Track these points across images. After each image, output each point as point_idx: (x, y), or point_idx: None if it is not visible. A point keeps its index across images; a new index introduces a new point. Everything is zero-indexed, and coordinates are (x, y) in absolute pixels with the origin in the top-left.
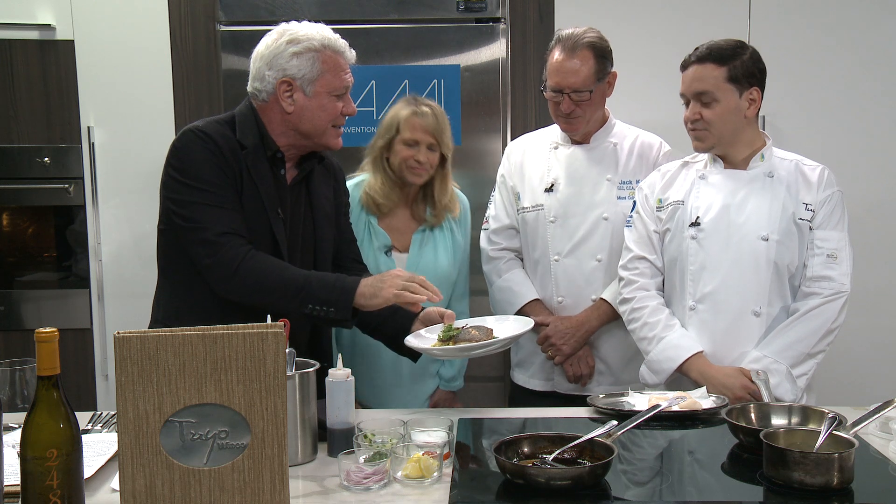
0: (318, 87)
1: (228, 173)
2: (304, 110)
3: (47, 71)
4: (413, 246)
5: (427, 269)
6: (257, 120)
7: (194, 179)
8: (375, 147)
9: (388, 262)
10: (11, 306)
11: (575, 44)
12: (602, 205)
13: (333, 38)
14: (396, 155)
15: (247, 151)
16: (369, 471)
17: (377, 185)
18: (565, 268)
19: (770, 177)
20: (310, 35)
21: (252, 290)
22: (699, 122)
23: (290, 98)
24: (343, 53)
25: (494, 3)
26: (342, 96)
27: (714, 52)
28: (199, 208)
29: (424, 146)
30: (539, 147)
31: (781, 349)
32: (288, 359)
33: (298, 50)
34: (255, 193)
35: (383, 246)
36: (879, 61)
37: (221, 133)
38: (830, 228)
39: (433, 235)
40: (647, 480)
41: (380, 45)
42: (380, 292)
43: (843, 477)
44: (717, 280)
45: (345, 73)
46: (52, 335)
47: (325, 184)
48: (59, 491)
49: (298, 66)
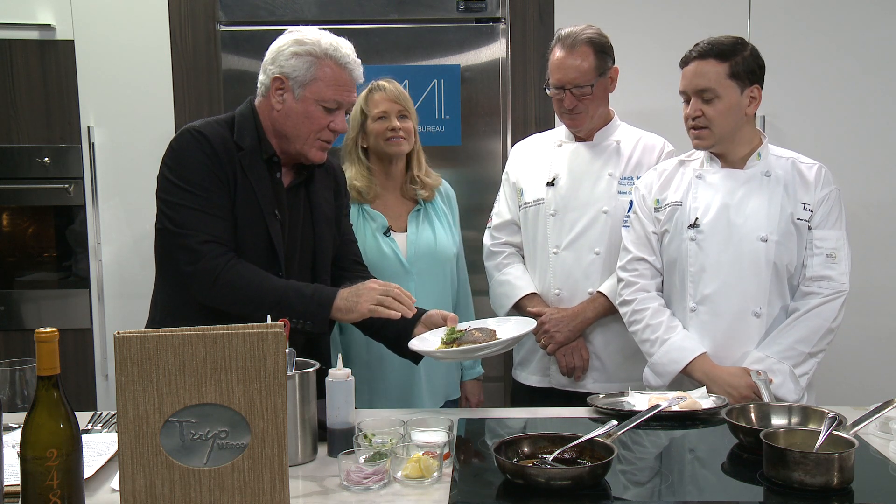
0: (308, 93)
1: (222, 177)
2: (290, 112)
3: (47, 71)
4: (410, 225)
5: (427, 245)
6: (256, 121)
7: (186, 182)
8: (348, 141)
9: (390, 242)
10: (11, 306)
11: (574, 40)
12: (602, 199)
13: (343, 51)
14: (370, 135)
15: (244, 153)
16: (369, 471)
17: (355, 174)
18: (563, 260)
19: (767, 176)
20: (316, 41)
21: (230, 300)
22: (700, 118)
23: (280, 96)
24: (346, 69)
25: (494, 3)
26: (334, 111)
27: (716, 48)
28: (186, 212)
29: (394, 115)
30: (543, 145)
31: (783, 349)
32: (288, 359)
33: (300, 51)
34: (251, 195)
35: (381, 227)
36: (879, 61)
37: (219, 134)
38: (829, 228)
39: (428, 213)
40: (647, 480)
41: (380, 45)
42: (356, 307)
43: (843, 477)
44: (718, 282)
45: (340, 87)
46: (52, 335)
47: (326, 187)
48: (59, 491)
49: (295, 66)
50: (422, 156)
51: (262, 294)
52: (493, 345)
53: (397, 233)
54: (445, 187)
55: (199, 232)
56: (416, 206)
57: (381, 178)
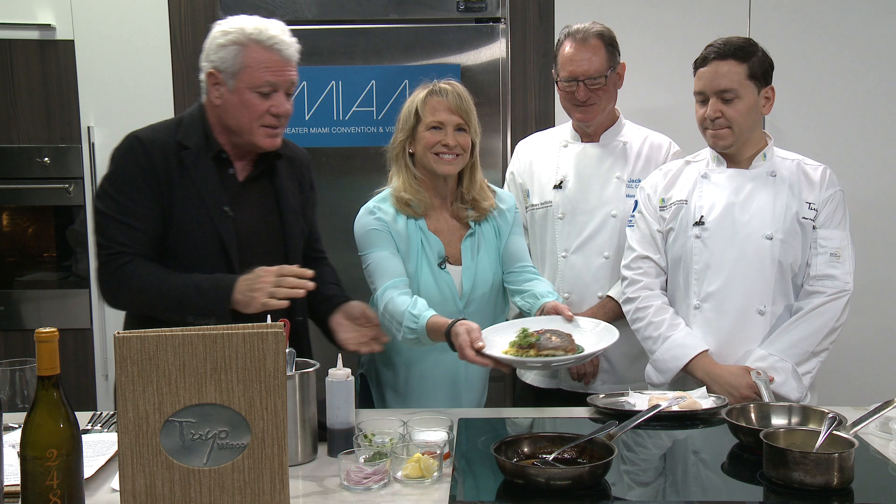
0: (240, 82)
1: (153, 183)
2: (228, 104)
3: (47, 71)
4: (465, 256)
5: (484, 279)
6: (203, 119)
7: (114, 189)
8: (396, 143)
9: (444, 276)
10: (11, 306)
11: (586, 34)
12: (610, 202)
13: (269, 33)
14: (419, 144)
15: (188, 152)
16: (369, 471)
17: (402, 184)
18: (572, 264)
19: (773, 176)
20: (239, 28)
21: (137, 304)
22: (720, 119)
23: (217, 90)
24: (273, 49)
25: (494, 3)
26: (269, 95)
27: (734, 49)
28: (106, 220)
29: (451, 128)
30: (549, 145)
31: (786, 347)
32: (288, 359)
33: (224, 41)
34: (194, 193)
35: (437, 256)
36: (879, 61)
37: (159, 137)
38: (833, 227)
39: (484, 240)
40: (648, 480)
41: (380, 45)
42: (252, 302)
43: (843, 477)
44: (722, 279)
45: (269, 69)
46: (52, 335)
47: (290, 178)
48: (59, 491)
49: (223, 57)
50: (478, 171)
51: (164, 294)
52: (584, 356)
53: (452, 265)
54: (502, 197)
55: (113, 242)
56: (469, 230)
57: (429, 193)
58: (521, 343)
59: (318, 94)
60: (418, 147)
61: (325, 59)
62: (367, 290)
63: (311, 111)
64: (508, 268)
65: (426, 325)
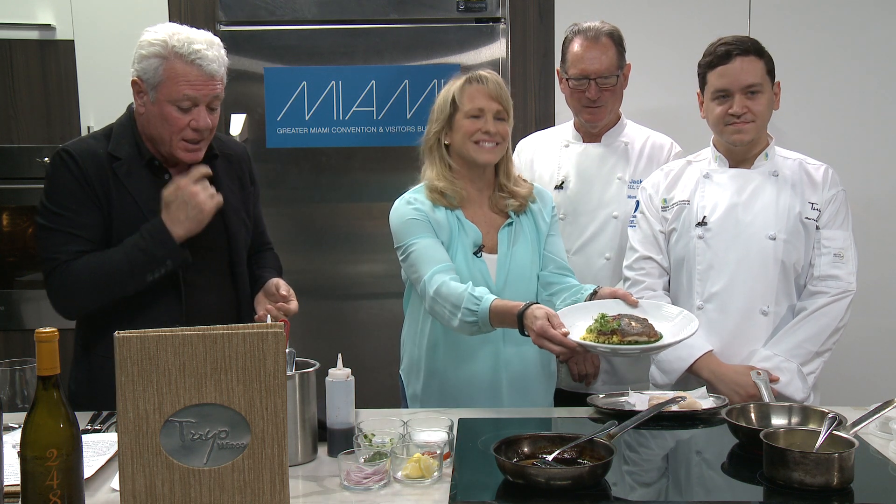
0: (160, 95)
1: (90, 194)
2: (150, 115)
3: (47, 71)
4: (501, 245)
5: (520, 268)
6: (133, 127)
7: (53, 203)
8: (430, 135)
9: (479, 265)
10: (11, 306)
11: (597, 32)
12: (612, 203)
13: (192, 47)
14: (458, 133)
15: (120, 162)
16: (369, 471)
17: (436, 174)
18: (573, 265)
19: (775, 175)
20: (159, 38)
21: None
22: (747, 114)
23: (141, 99)
24: (195, 64)
25: (494, 3)
26: (189, 109)
27: (751, 45)
28: (50, 234)
29: (491, 115)
30: (550, 145)
31: (791, 348)
32: (288, 359)
33: (147, 53)
34: (130, 203)
35: (473, 244)
36: (880, 60)
37: (89, 150)
38: (836, 227)
39: (522, 232)
40: (648, 481)
41: (380, 45)
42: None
43: (843, 477)
44: (725, 279)
45: (190, 84)
46: (52, 335)
47: (229, 176)
48: (59, 491)
49: (145, 68)
50: (511, 163)
51: (112, 271)
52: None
53: (487, 254)
54: (539, 192)
55: (59, 252)
56: (508, 219)
57: (465, 183)
58: (603, 329)
59: (318, 94)
60: (456, 137)
61: (325, 59)
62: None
63: (311, 111)
64: (548, 268)
65: (490, 307)
